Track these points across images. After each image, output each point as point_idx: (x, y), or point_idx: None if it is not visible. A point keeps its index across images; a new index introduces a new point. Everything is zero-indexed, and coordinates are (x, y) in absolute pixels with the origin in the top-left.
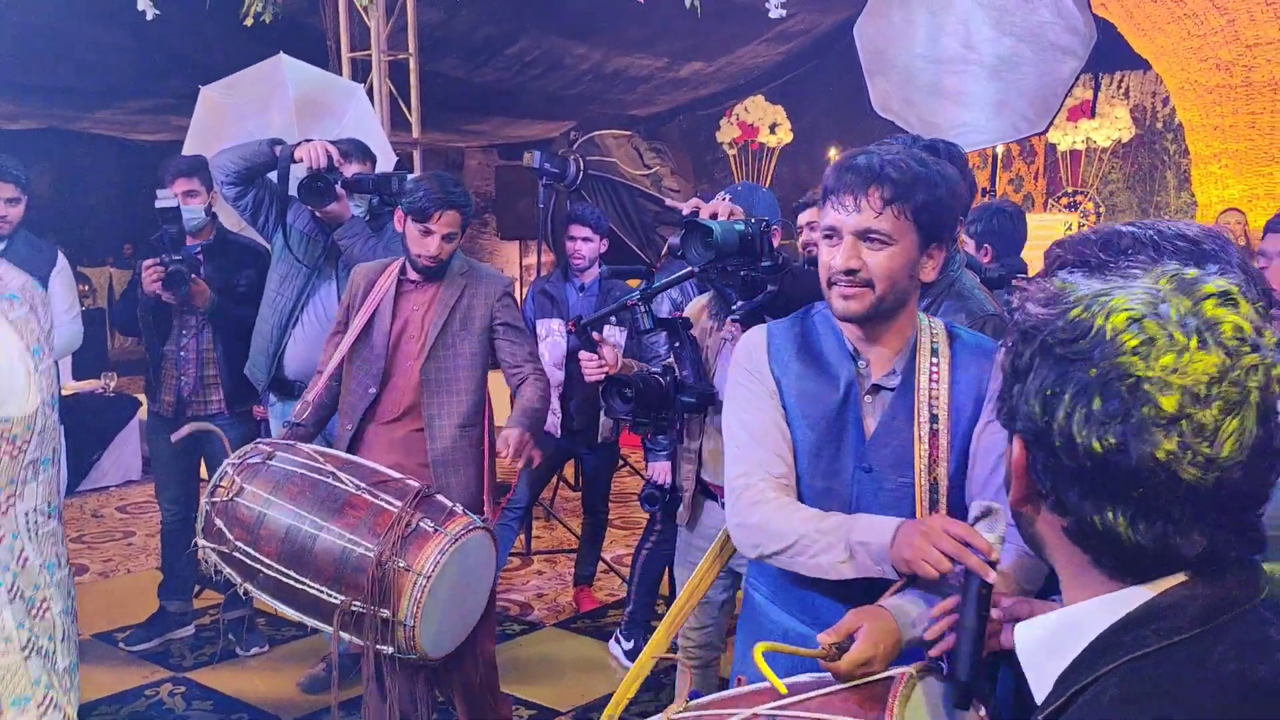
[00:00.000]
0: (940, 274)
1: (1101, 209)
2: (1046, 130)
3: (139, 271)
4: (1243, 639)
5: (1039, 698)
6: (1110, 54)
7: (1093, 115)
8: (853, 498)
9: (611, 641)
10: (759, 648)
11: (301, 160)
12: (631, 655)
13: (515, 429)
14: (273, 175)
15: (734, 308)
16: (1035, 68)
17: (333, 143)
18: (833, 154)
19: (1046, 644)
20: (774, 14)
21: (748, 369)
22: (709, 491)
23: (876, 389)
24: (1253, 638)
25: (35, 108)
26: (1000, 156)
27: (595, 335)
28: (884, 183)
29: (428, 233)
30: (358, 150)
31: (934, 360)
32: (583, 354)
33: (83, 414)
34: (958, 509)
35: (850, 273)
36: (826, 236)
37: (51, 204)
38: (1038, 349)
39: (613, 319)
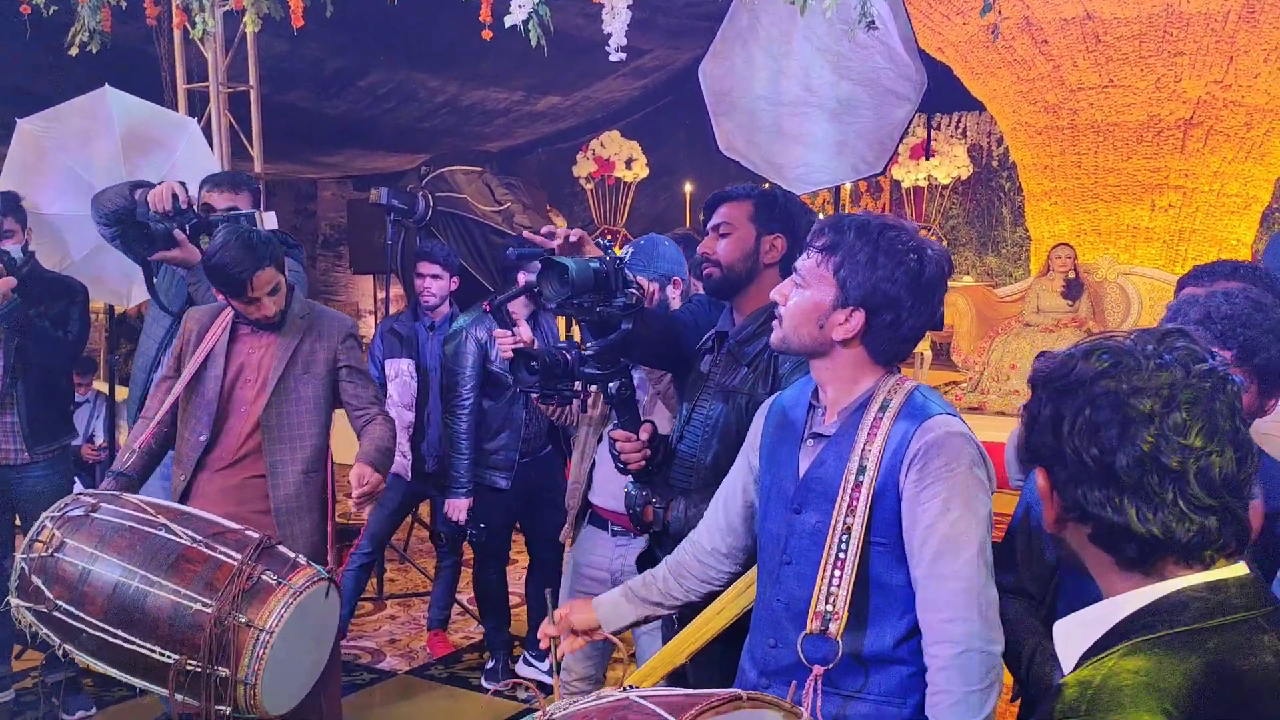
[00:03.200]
0: None
1: (944, 242)
2: (884, 171)
3: None
4: (1235, 639)
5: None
6: (948, 96)
7: (927, 156)
8: (782, 537)
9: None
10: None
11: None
12: (488, 676)
13: (367, 466)
14: None
15: (586, 346)
16: (872, 111)
17: (210, 178)
18: (688, 188)
19: (1077, 634)
20: (614, 57)
21: (748, 438)
22: (598, 518)
23: (818, 436)
24: (1244, 640)
25: None
26: (849, 192)
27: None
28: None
29: (252, 300)
30: (229, 182)
31: (879, 415)
32: (497, 331)
33: None
34: (878, 563)
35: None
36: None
37: None
38: (1042, 391)
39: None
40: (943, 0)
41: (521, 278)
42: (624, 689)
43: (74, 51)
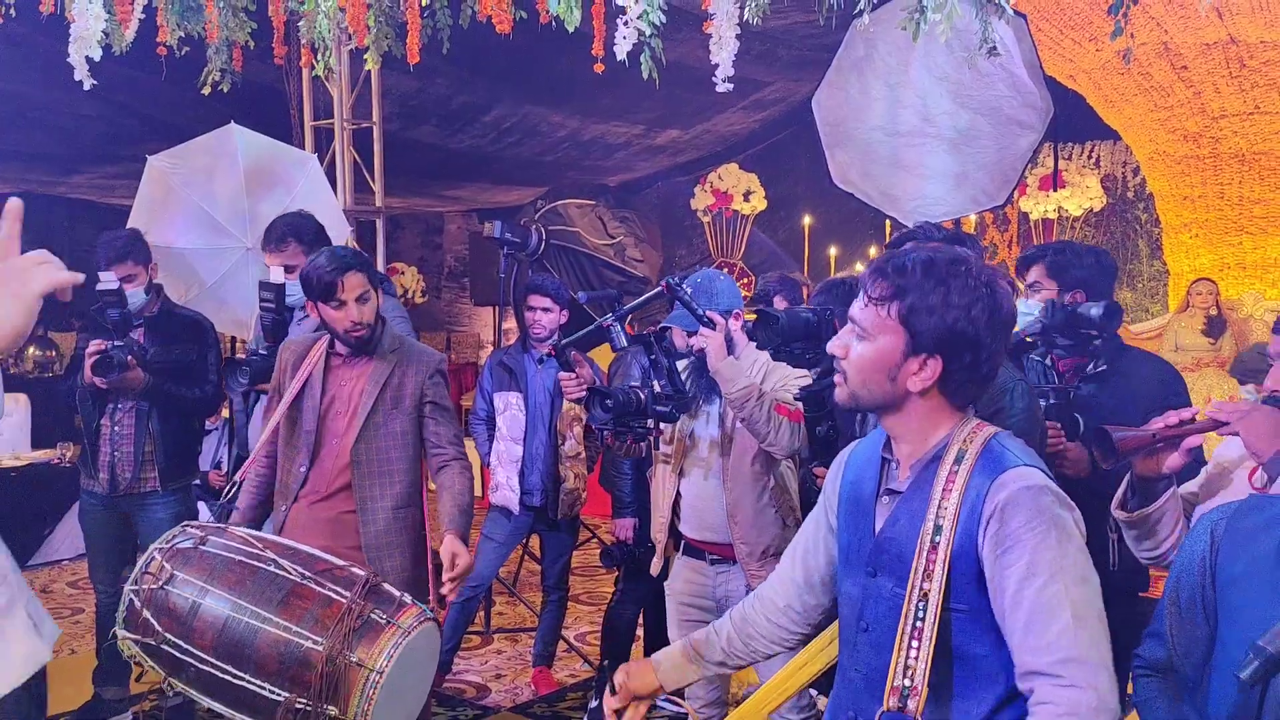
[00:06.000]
0: None
1: None
2: (1007, 203)
3: (81, 347)
4: None
5: None
6: (1080, 124)
7: (1054, 187)
8: (859, 601)
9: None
10: None
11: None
12: (593, 715)
13: (458, 541)
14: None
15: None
16: (994, 141)
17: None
18: (807, 221)
19: None
20: (721, 88)
21: (823, 489)
22: (691, 549)
23: (892, 493)
24: None
25: (12, 172)
26: (974, 224)
27: (574, 356)
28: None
29: (340, 304)
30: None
31: (955, 468)
32: (562, 375)
33: (35, 485)
34: (961, 632)
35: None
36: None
37: None
38: None
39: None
40: (1074, 26)
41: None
42: None
43: (206, 91)
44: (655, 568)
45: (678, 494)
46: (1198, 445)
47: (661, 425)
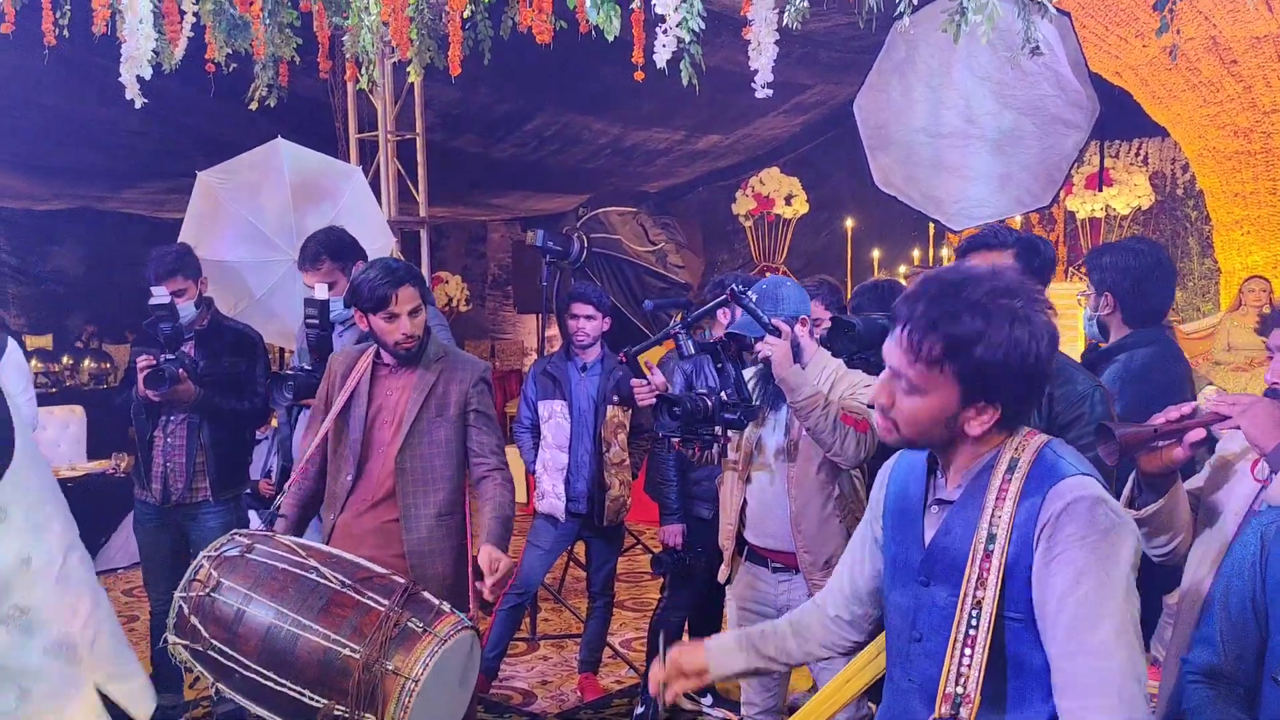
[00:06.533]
0: None
1: None
2: (1052, 204)
3: (134, 360)
4: None
5: None
6: (1127, 122)
7: (1099, 187)
8: (911, 611)
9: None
10: None
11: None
12: None
13: (495, 549)
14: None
15: (727, 393)
16: (1038, 141)
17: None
18: (849, 224)
19: None
20: (760, 94)
21: (870, 501)
22: (755, 555)
23: (942, 503)
24: None
25: (65, 188)
26: (1020, 225)
27: (644, 362)
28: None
29: (392, 317)
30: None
31: (1008, 476)
32: (634, 381)
33: (91, 495)
34: (1016, 641)
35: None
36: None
37: (82, 282)
38: None
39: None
40: (1120, 23)
41: (723, 314)
42: None
43: (254, 106)
44: (722, 575)
45: (744, 501)
46: (1201, 439)
47: (729, 433)
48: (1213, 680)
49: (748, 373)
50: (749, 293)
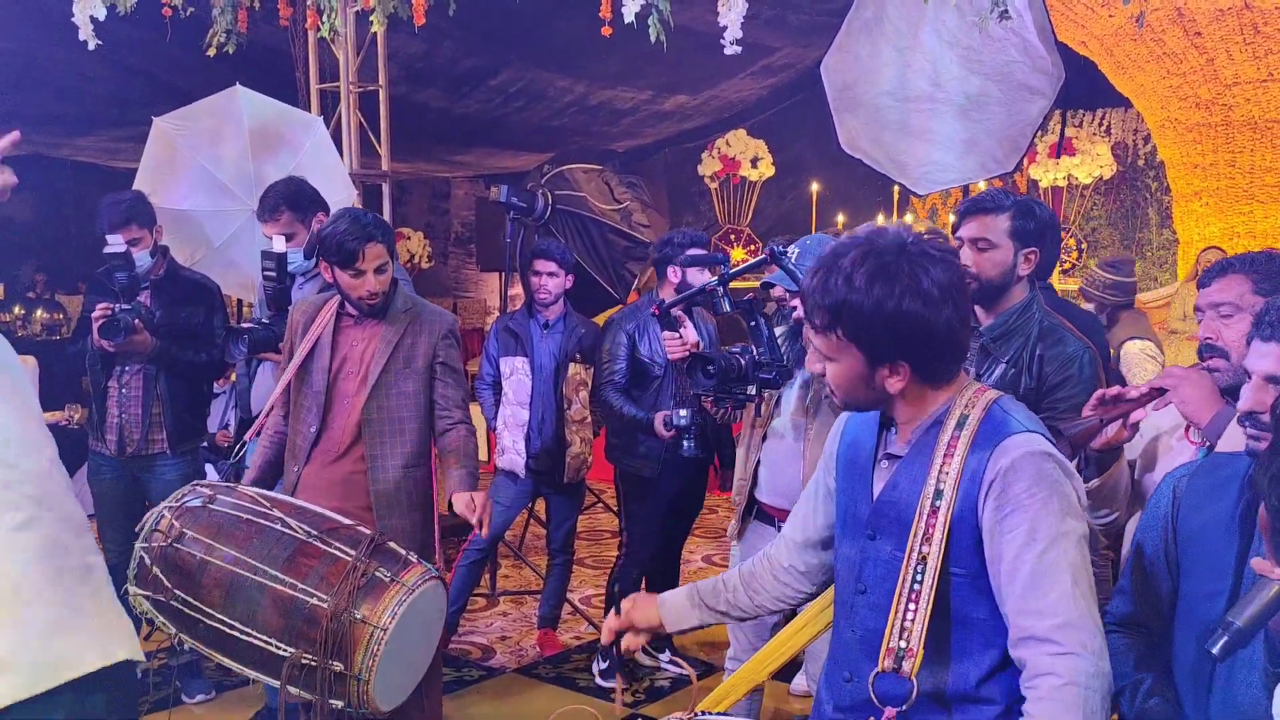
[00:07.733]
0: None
1: (1084, 245)
2: (1016, 170)
3: (87, 309)
4: None
5: None
6: (1091, 91)
7: (1058, 156)
8: (857, 563)
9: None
10: None
11: None
12: (605, 675)
13: (466, 493)
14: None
15: (759, 352)
16: (1004, 107)
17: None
18: (815, 188)
19: None
20: (729, 50)
21: (824, 452)
22: (764, 515)
23: (891, 457)
24: None
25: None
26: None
27: (677, 315)
28: None
29: (359, 273)
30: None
31: (956, 433)
32: (665, 334)
33: None
34: (959, 595)
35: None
36: None
37: (35, 231)
38: None
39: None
40: None
41: (673, 273)
42: (695, 715)
43: (211, 53)
44: (731, 532)
45: (758, 461)
46: (1143, 419)
47: (764, 392)
48: (1129, 628)
49: (778, 330)
50: (789, 250)
